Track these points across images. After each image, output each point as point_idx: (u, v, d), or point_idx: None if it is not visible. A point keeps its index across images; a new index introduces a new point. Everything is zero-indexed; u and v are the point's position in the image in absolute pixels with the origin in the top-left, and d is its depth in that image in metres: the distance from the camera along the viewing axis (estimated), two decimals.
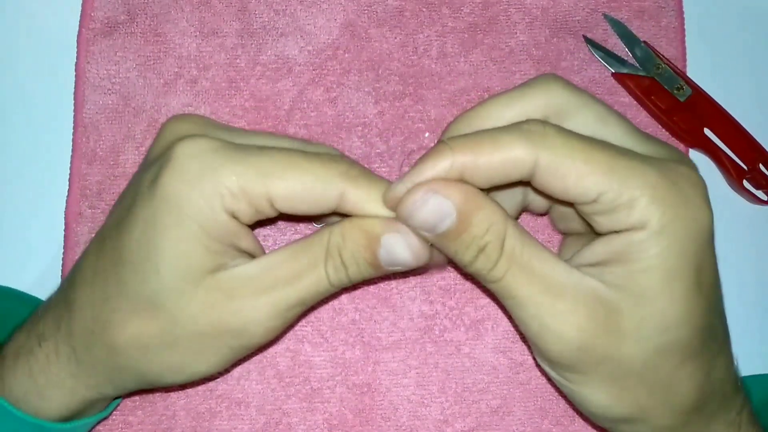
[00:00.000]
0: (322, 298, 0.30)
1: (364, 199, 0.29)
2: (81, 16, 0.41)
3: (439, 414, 0.38)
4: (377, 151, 0.40)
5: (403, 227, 0.28)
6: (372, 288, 0.39)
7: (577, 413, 0.38)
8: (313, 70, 0.41)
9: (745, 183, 0.42)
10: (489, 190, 0.29)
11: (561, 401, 0.38)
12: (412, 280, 0.39)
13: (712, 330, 0.29)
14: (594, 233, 0.29)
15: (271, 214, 0.29)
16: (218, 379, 0.38)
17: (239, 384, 0.38)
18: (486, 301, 0.39)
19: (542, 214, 0.36)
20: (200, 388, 0.38)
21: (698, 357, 0.28)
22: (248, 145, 0.29)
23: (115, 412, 0.37)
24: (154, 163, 0.30)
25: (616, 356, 0.28)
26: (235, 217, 0.28)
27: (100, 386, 0.32)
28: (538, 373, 0.38)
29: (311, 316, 0.39)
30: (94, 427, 0.36)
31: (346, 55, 0.41)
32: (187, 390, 0.38)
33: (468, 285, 0.39)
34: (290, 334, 0.38)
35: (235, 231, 0.29)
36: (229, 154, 0.28)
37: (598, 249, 0.28)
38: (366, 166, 0.40)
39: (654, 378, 0.28)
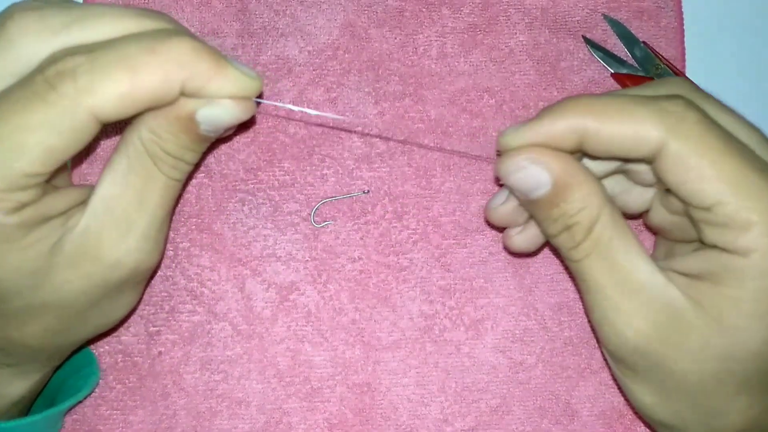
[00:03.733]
0: (181, 189, 0.28)
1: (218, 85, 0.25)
2: None
3: (438, 413, 0.38)
4: (377, 151, 0.40)
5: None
6: (372, 288, 0.39)
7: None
8: (313, 70, 0.41)
9: None
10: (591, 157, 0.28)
11: (560, 400, 0.38)
12: (412, 280, 0.39)
13: None
14: (693, 242, 0.28)
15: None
16: (218, 379, 0.38)
17: (239, 383, 0.38)
18: (486, 300, 0.39)
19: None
20: (200, 387, 0.38)
21: (755, 391, 0.27)
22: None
23: (114, 412, 0.38)
24: None
25: (671, 368, 0.27)
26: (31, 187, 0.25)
27: (46, 364, 0.31)
28: (538, 373, 0.38)
29: (311, 316, 0.39)
30: (73, 407, 0.36)
31: (346, 55, 0.41)
32: (188, 389, 0.38)
33: (468, 285, 0.39)
34: (290, 334, 0.38)
35: (40, 200, 0.25)
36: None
37: (694, 263, 0.26)
38: (366, 166, 0.40)
39: (704, 400, 0.27)
